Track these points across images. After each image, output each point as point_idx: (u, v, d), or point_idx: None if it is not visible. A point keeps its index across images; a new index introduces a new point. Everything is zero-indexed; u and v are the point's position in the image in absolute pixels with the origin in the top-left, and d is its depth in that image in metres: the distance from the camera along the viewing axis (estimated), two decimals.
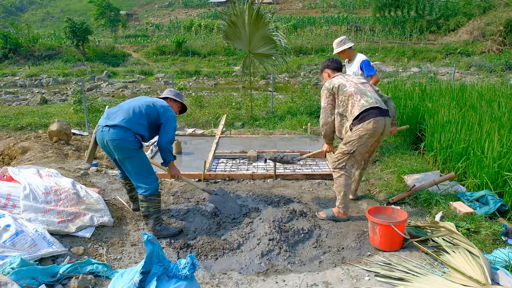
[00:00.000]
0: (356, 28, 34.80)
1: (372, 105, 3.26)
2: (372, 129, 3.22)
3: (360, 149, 3.32)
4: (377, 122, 3.22)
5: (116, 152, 3.09)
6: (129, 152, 3.07)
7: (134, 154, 3.09)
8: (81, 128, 7.94)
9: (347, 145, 3.33)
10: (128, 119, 3.07)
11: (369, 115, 3.23)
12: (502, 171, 3.61)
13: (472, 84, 8.52)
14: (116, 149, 3.06)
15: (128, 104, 3.21)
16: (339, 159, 3.40)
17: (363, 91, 3.37)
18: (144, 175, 3.16)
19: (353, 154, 3.33)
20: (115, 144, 3.03)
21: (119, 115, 3.10)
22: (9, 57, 24.99)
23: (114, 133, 3.02)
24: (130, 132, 3.05)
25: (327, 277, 2.65)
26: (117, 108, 3.22)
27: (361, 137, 3.25)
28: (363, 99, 3.29)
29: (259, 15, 7.19)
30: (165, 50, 28.82)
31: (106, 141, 3.06)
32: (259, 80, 17.91)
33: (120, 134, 3.02)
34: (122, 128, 3.03)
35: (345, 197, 3.43)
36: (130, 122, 3.07)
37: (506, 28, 23.56)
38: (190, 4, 56.89)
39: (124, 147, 3.04)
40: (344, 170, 3.39)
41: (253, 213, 3.59)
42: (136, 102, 3.22)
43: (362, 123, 3.23)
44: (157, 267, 2.14)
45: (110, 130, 3.04)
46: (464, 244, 2.73)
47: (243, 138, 6.41)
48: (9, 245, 2.53)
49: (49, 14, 61.95)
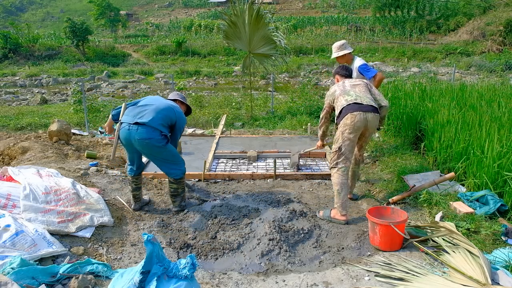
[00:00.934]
0: (356, 28, 34.80)
1: (351, 102, 3.42)
2: (350, 124, 3.35)
3: (346, 145, 3.42)
4: (354, 116, 3.35)
5: (143, 149, 3.33)
6: (157, 148, 3.31)
7: (161, 148, 3.33)
8: (81, 128, 7.95)
9: (335, 143, 3.52)
10: (156, 118, 3.29)
11: (347, 110, 3.39)
12: (502, 171, 3.61)
13: (472, 84, 8.52)
14: (145, 147, 3.29)
15: (153, 103, 3.40)
16: (331, 158, 3.58)
17: (347, 91, 3.54)
18: (173, 162, 3.48)
19: (341, 151, 3.44)
20: (145, 143, 3.25)
21: (147, 114, 3.29)
22: (9, 57, 25.00)
23: (143, 132, 3.23)
24: (158, 131, 3.27)
25: (327, 277, 2.65)
26: (141, 108, 3.38)
27: (342, 133, 3.41)
28: (343, 98, 3.49)
29: (259, 15, 7.20)
30: (165, 50, 28.82)
31: (134, 139, 3.26)
32: (259, 80, 17.92)
33: (149, 133, 3.24)
34: (151, 128, 3.24)
35: (339, 196, 3.44)
36: (158, 122, 3.28)
37: (506, 28, 23.56)
38: (190, 4, 56.88)
39: (153, 145, 3.27)
40: (336, 169, 3.47)
41: (253, 213, 3.60)
42: (159, 103, 3.43)
43: (342, 120, 3.41)
44: (157, 267, 2.14)
45: (139, 128, 3.23)
46: (464, 244, 2.73)
47: (243, 138, 6.41)
48: (9, 245, 2.53)
49: (49, 14, 61.94)
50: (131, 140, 3.29)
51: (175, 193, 3.59)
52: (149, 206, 3.80)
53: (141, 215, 3.62)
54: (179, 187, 3.57)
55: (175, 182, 3.54)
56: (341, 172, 3.45)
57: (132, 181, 3.64)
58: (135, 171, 3.62)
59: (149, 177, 4.54)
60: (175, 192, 3.59)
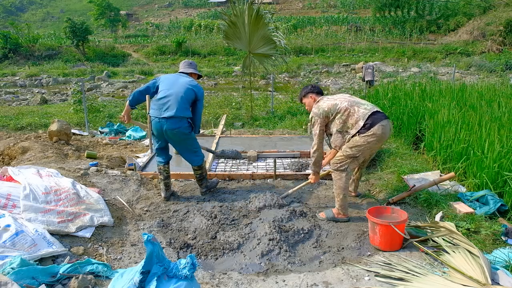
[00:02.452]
0: (356, 28, 34.80)
1: (372, 110, 3.31)
2: (381, 134, 3.25)
3: (366, 153, 3.37)
4: (384, 127, 3.25)
5: (174, 137, 3.72)
6: (184, 135, 3.72)
7: (187, 136, 3.75)
8: (81, 128, 7.95)
9: (353, 149, 3.31)
10: (180, 108, 3.62)
11: (376, 120, 3.25)
12: (502, 171, 3.61)
13: (472, 84, 8.53)
14: (175, 135, 3.69)
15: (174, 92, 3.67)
16: (342, 161, 3.38)
17: (356, 101, 3.43)
18: (196, 151, 3.92)
19: (357, 158, 3.35)
20: (174, 132, 3.66)
21: (172, 106, 3.62)
22: (9, 57, 25.00)
23: (172, 122, 3.62)
24: (184, 119, 3.67)
25: (327, 277, 2.65)
26: (164, 99, 3.66)
27: (369, 143, 3.26)
28: (361, 108, 3.34)
29: (259, 15, 7.20)
30: (165, 50, 28.82)
31: (165, 130, 3.65)
32: (259, 80, 17.92)
33: (177, 123, 3.64)
34: (177, 118, 3.62)
35: (344, 199, 3.42)
36: (181, 110, 3.63)
37: (506, 28, 23.57)
38: (190, 4, 56.86)
39: (182, 132, 3.68)
40: (345, 173, 3.37)
41: (253, 213, 3.59)
42: (179, 89, 3.70)
43: (372, 129, 3.23)
44: (157, 267, 2.14)
45: (168, 120, 3.61)
46: (464, 244, 2.73)
47: (243, 138, 6.41)
48: (9, 245, 2.53)
49: (49, 14, 61.92)
50: (162, 131, 3.67)
51: (200, 178, 4.02)
52: (149, 206, 3.81)
53: (141, 215, 3.62)
54: (202, 171, 4.00)
55: (198, 168, 3.96)
56: (349, 176, 3.42)
57: (164, 169, 3.92)
58: (165, 160, 3.94)
59: (149, 177, 4.54)
60: (200, 177, 4.02)
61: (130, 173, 4.50)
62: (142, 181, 4.36)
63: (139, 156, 5.64)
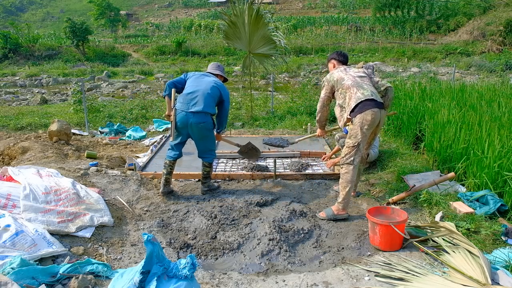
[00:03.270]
0: (356, 28, 34.79)
1: (368, 97, 3.40)
2: (371, 120, 3.35)
3: (364, 141, 3.44)
4: (374, 113, 3.36)
5: (198, 131, 3.86)
6: (207, 132, 3.91)
7: (210, 133, 3.96)
8: (81, 128, 7.95)
9: (352, 138, 3.43)
10: (207, 104, 3.82)
11: (366, 106, 3.36)
12: (502, 171, 3.61)
13: (472, 84, 8.53)
14: (199, 129, 3.84)
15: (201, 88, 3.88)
16: (347, 153, 3.46)
17: (360, 84, 3.50)
18: (212, 148, 4.09)
19: (358, 147, 3.42)
20: (200, 126, 3.82)
21: (199, 102, 3.80)
22: (9, 57, 24.99)
23: (199, 116, 3.80)
24: (209, 115, 3.88)
25: (327, 277, 2.65)
26: (192, 95, 3.85)
27: (361, 129, 3.37)
28: (359, 91, 3.44)
29: (259, 15, 7.19)
30: (165, 50, 28.81)
31: (191, 123, 3.80)
32: (259, 80, 17.91)
33: (203, 118, 3.82)
34: (203, 113, 3.81)
35: (348, 194, 3.46)
36: (208, 107, 3.83)
37: (506, 28, 23.56)
38: (190, 4, 56.87)
39: (206, 127, 3.86)
40: (352, 166, 3.44)
41: (253, 213, 3.59)
42: (207, 86, 3.91)
43: (361, 114, 3.36)
44: (157, 267, 2.14)
45: (195, 115, 3.79)
46: (464, 244, 2.73)
47: (243, 138, 6.40)
48: (9, 245, 2.53)
49: (49, 14, 61.93)
50: (188, 124, 3.81)
51: (206, 175, 4.14)
52: (149, 206, 3.81)
53: (141, 215, 3.62)
54: (210, 169, 4.15)
55: (208, 165, 4.10)
56: (356, 169, 3.47)
57: (169, 165, 4.05)
58: (177, 156, 4.05)
59: (149, 177, 4.54)
60: (207, 174, 4.14)
61: (130, 173, 4.50)
62: (142, 181, 4.37)
63: (139, 156, 5.64)
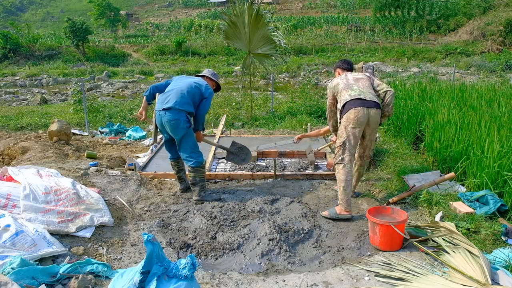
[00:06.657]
0: (356, 28, 34.79)
1: (354, 97, 3.45)
2: (354, 118, 3.39)
3: (350, 139, 3.45)
4: (357, 111, 3.38)
5: (172, 130, 3.69)
6: (181, 130, 3.68)
7: (186, 132, 3.71)
8: (81, 128, 7.95)
9: (339, 137, 3.54)
10: (179, 101, 3.65)
11: (350, 105, 3.43)
12: (502, 171, 3.61)
13: (472, 84, 8.53)
14: (172, 127, 3.67)
15: (176, 87, 3.76)
16: (336, 153, 3.58)
17: (350, 85, 3.56)
18: (192, 150, 3.81)
19: (345, 146, 3.46)
20: (171, 124, 3.65)
21: (171, 99, 3.67)
22: (9, 57, 24.97)
23: (170, 114, 3.64)
24: (183, 112, 3.66)
25: (327, 277, 2.65)
26: (167, 93, 3.76)
27: (346, 127, 3.43)
28: (347, 93, 3.50)
29: (259, 15, 7.20)
30: (165, 50, 28.79)
31: (164, 122, 3.68)
32: (259, 80, 17.91)
33: (175, 114, 3.64)
34: (176, 110, 3.63)
35: (344, 192, 3.45)
36: (181, 104, 3.65)
37: (506, 28, 23.54)
38: (190, 4, 56.85)
39: (179, 125, 3.65)
40: (342, 165, 3.48)
41: (253, 214, 3.59)
42: (182, 85, 3.78)
43: (346, 114, 3.44)
44: (157, 267, 2.14)
45: (167, 112, 3.64)
46: (464, 244, 2.73)
47: (243, 138, 6.40)
48: (9, 245, 2.53)
49: (49, 14, 61.91)
50: (163, 123, 3.71)
51: (193, 182, 3.85)
52: (149, 206, 3.81)
53: (141, 215, 3.62)
54: (196, 175, 3.82)
55: (192, 170, 3.83)
56: (347, 168, 3.47)
57: (174, 164, 4.07)
58: (172, 156, 4.05)
59: (149, 177, 4.54)
60: (193, 181, 3.85)
61: (130, 173, 4.50)
62: (142, 181, 4.36)
63: (139, 156, 5.64)
